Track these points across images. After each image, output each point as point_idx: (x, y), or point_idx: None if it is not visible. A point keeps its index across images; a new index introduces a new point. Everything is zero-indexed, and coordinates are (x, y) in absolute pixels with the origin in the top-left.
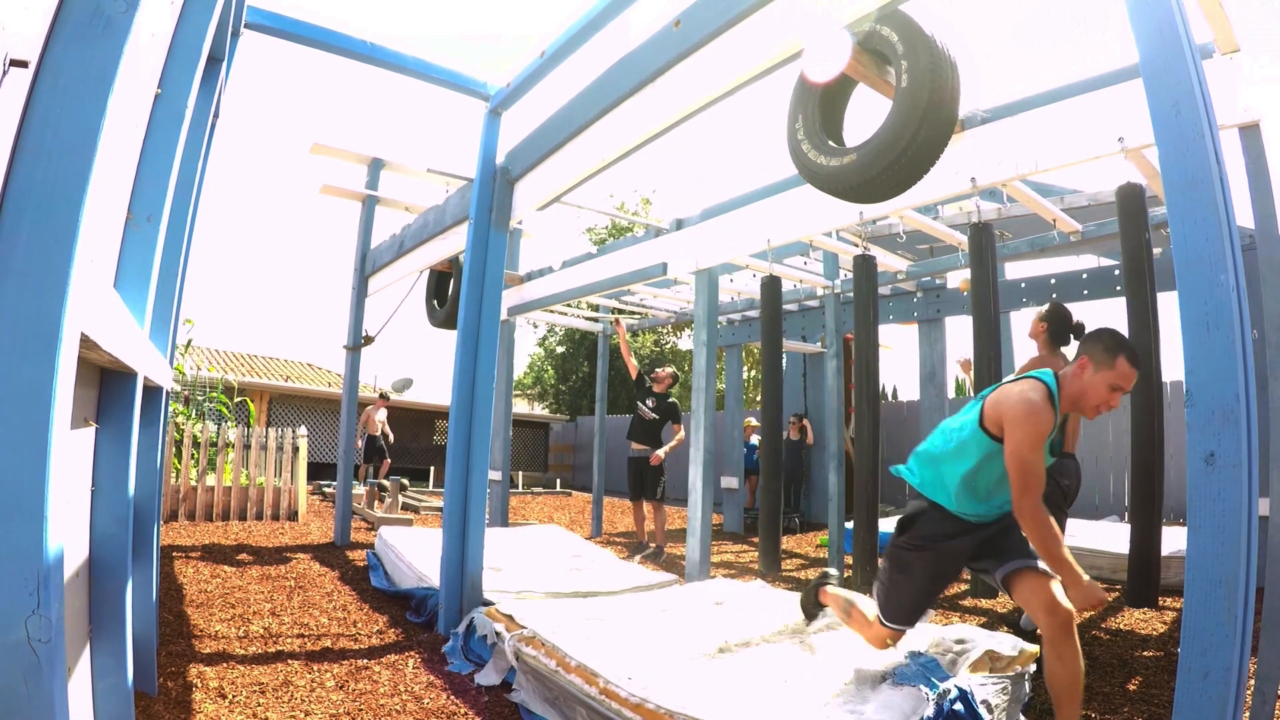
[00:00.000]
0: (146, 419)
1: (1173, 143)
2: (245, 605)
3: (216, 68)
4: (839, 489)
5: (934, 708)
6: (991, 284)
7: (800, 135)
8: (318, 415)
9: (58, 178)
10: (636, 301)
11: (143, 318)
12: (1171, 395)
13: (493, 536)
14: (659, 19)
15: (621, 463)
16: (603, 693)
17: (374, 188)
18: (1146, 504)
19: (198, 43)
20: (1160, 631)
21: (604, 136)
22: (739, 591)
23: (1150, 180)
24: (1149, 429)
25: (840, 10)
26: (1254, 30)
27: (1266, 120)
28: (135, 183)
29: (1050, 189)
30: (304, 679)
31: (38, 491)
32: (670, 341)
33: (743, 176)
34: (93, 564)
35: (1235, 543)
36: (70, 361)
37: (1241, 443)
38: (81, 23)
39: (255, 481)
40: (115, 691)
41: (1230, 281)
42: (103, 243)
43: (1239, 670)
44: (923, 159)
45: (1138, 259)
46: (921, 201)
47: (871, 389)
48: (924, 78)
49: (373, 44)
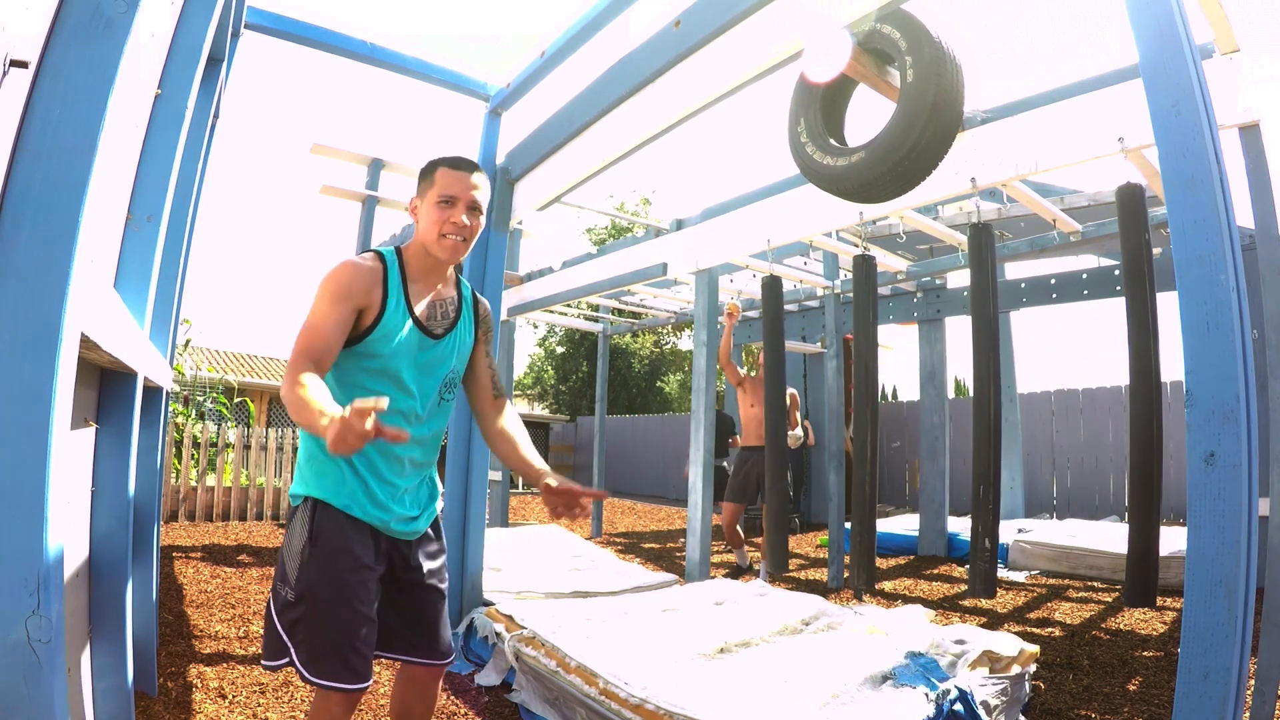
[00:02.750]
0: (146, 419)
1: (1173, 143)
2: (245, 605)
3: (216, 68)
4: (839, 489)
5: (934, 708)
6: (991, 284)
7: (804, 137)
8: None
9: (58, 178)
10: (636, 302)
11: (143, 318)
12: (1171, 395)
13: (493, 537)
14: (659, 19)
15: (622, 463)
16: (602, 693)
17: (374, 188)
18: (1145, 504)
19: (198, 43)
20: (1160, 631)
21: (604, 137)
22: (739, 591)
23: (1150, 180)
24: (1148, 429)
25: (841, 10)
26: (1254, 30)
27: (1266, 120)
28: (135, 183)
29: (1050, 189)
30: None
31: (38, 492)
32: (670, 342)
33: (743, 176)
34: (93, 564)
35: (1235, 543)
36: (70, 361)
37: (1241, 443)
38: (81, 23)
39: (255, 482)
40: (115, 691)
41: (1230, 281)
42: (103, 243)
43: (1239, 670)
44: (930, 155)
45: (1137, 259)
46: (921, 202)
47: (870, 389)
48: (928, 72)
49: (373, 44)
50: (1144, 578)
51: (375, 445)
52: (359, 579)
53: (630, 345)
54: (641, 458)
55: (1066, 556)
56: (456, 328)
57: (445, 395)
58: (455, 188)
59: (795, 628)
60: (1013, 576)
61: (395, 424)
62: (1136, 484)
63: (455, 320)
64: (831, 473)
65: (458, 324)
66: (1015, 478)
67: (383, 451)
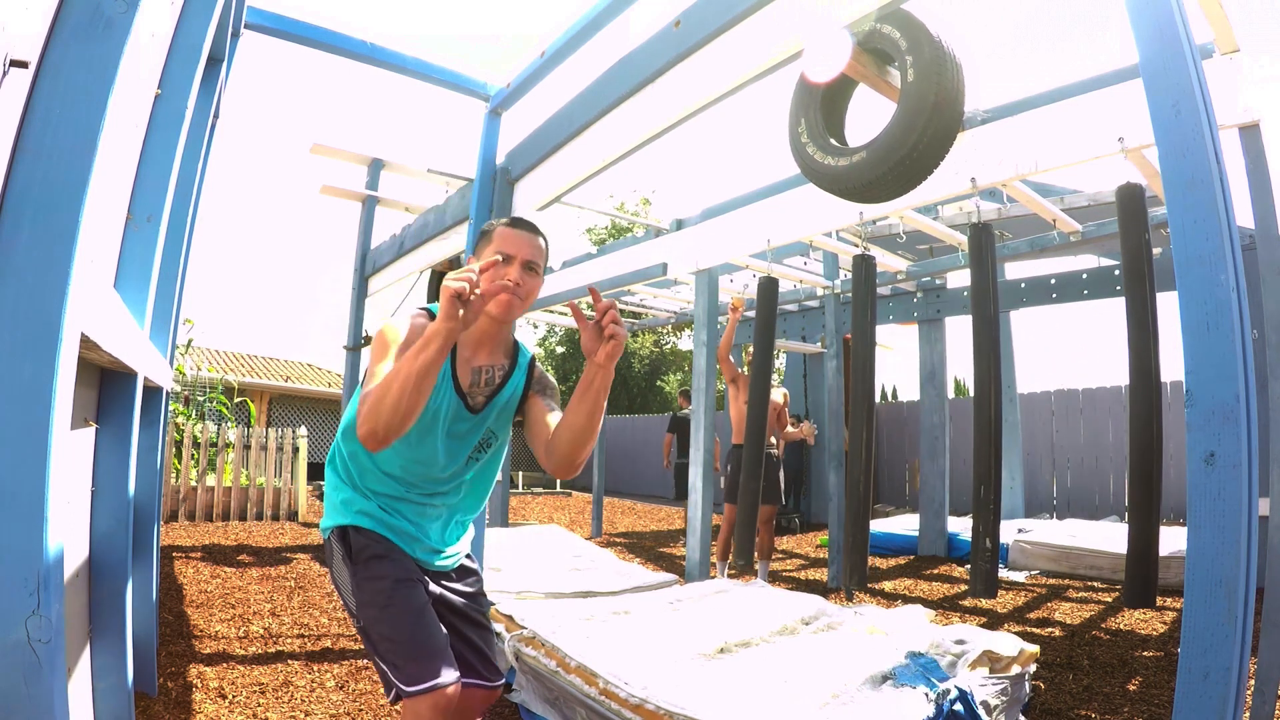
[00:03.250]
0: (146, 419)
1: (1173, 143)
2: (245, 605)
3: (216, 68)
4: (839, 489)
5: (934, 708)
6: (991, 284)
7: (804, 137)
8: (318, 415)
9: (58, 178)
10: (636, 302)
11: (143, 318)
12: (1171, 395)
13: (493, 537)
14: (659, 19)
15: (622, 463)
16: (602, 693)
17: (374, 188)
18: (1145, 504)
19: (198, 43)
20: (1160, 631)
21: (604, 137)
22: (739, 591)
23: (1150, 180)
24: (1148, 429)
25: (841, 10)
26: (1254, 30)
27: (1266, 120)
28: (135, 183)
29: (1050, 189)
30: (304, 679)
31: (38, 491)
32: (670, 342)
33: (743, 176)
34: (93, 564)
35: (1235, 543)
36: (70, 361)
37: (1241, 443)
38: (81, 23)
39: (255, 482)
40: (115, 691)
41: (1230, 281)
42: (103, 243)
43: (1239, 670)
44: (930, 155)
45: (1137, 259)
46: (922, 202)
47: (867, 389)
48: (928, 72)
49: (373, 44)
50: (1144, 578)
51: (406, 496)
52: (404, 574)
53: (630, 345)
54: (641, 458)
55: (1066, 556)
56: (497, 397)
57: (478, 455)
58: (512, 245)
59: (795, 628)
60: (1013, 576)
61: (418, 478)
62: (1136, 484)
63: (498, 388)
64: (831, 473)
65: (500, 391)
66: (1015, 478)
67: (411, 500)
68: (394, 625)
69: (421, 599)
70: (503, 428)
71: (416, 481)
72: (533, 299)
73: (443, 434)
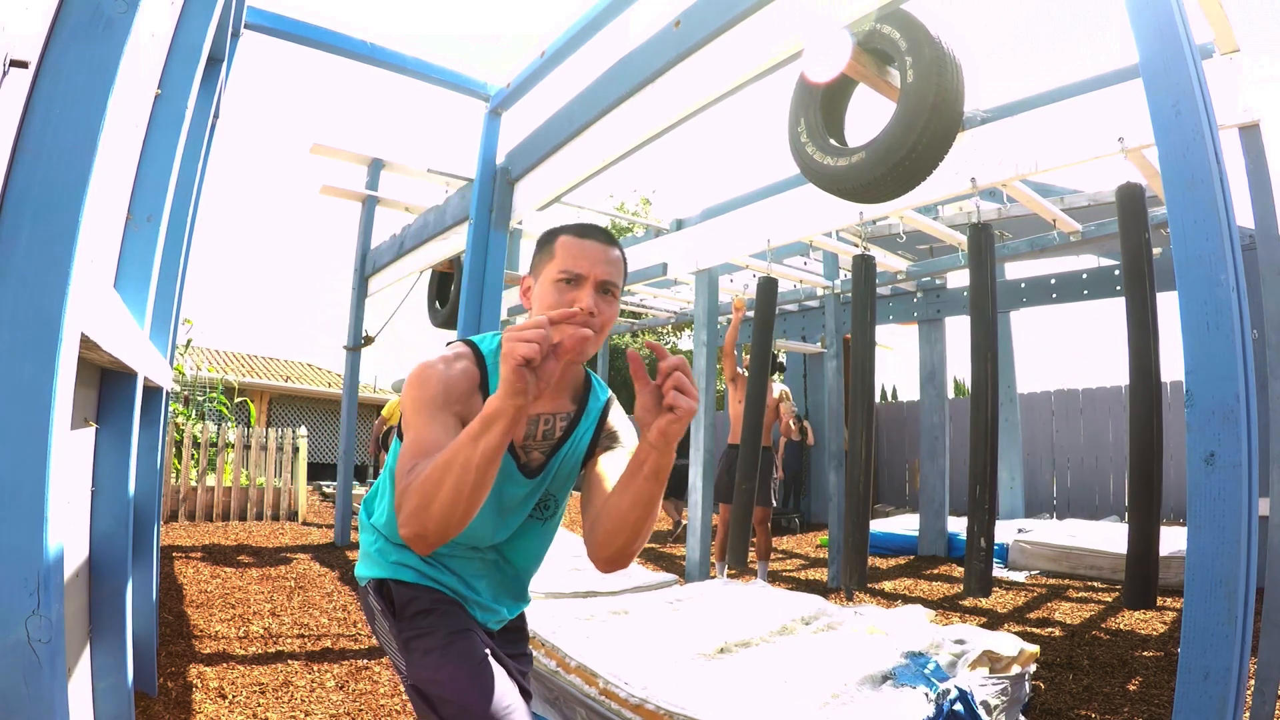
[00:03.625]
0: (146, 419)
1: (1173, 143)
2: (245, 605)
3: (216, 68)
4: (839, 489)
5: (934, 708)
6: (991, 284)
7: (804, 137)
8: (318, 415)
9: (58, 178)
10: (636, 302)
11: (143, 318)
12: (1171, 395)
13: None
14: (659, 19)
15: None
16: (602, 693)
17: (374, 188)
18: (1145, 504)
19: (198, 43)
20: (1160, 631)
21: (604, 137)
22: (739, 591)
23: (1150, 180)
24: (1148, 429)
25: (841, 10)
26: (1254, 30)
27: (1266, 120)
28: (135, 183)
29: (1050, 189)
30: (304, 679)
31: (38, 491)
32: (670, 342)
33: (743, 176)
34: (93, 564)
35: (1235, 543)
36: (70, 361)
37: (1241, 443)
38: (81, 23)
39: (255, 482)
40: (115, 691)
41: (1230, 281)
42: (103, 243)
43: (1239, 670)
44: (930, 155)
45: (1138, 259)
46: (922, 202)
47: (866, 389)
48: (928, 72)
49: (373, 44)
50: (1144, 578)
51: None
52: (458, 626)
53: (630, 345)
54: None
55: (1066, 556)
56: (560, 451)
57: (538, 515)
58: (582, 263)
59: (795, 628)
60: (1013, 576)
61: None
62: (1136, 484)
63: (561, 441)
64: (831, 473)
65: (563, 446)
66: (1015, 478)
67: (457, 556)
68: (455, 687)
69: (481, 651)
70: (565, 490)
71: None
72: (608, 329)
73: (490, 506)
